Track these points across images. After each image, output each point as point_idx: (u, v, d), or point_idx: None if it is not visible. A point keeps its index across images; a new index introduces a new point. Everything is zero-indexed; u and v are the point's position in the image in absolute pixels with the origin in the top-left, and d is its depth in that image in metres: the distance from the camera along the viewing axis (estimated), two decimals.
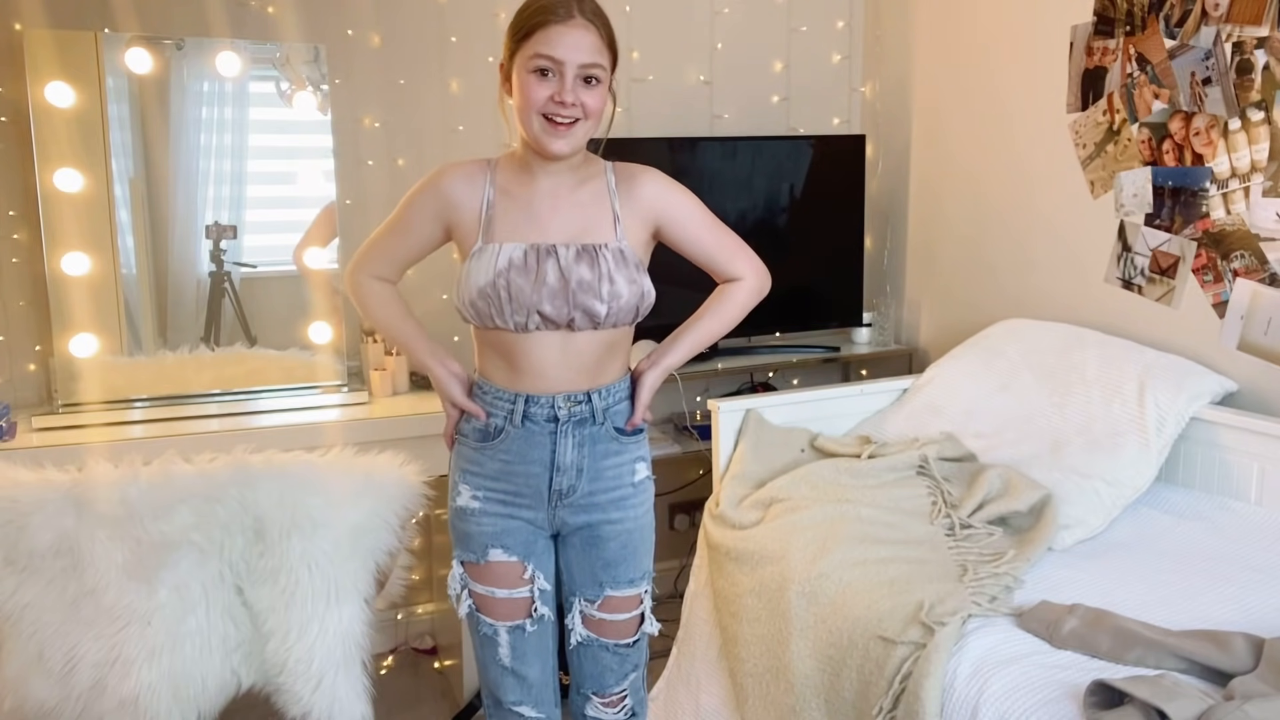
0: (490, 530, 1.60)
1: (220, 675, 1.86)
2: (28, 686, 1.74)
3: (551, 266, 1.48)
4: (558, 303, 1.47)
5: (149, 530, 1.74)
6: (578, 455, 1.57)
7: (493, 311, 1.48)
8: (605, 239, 1.52)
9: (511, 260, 1.47)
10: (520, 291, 1.46)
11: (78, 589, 1.74)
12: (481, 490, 1.60)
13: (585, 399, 1.55)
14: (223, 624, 1.85)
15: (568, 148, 1.47)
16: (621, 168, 1.59)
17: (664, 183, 1.60)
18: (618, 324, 1.53)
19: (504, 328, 1.50)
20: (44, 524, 1.71)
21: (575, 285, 1.47)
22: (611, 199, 1.55)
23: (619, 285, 1.49)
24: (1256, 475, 2.01)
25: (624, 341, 1.61)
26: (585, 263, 1.48)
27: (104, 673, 1.74)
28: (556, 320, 1.48)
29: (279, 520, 1.82)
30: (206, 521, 1.78)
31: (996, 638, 1.55)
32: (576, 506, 1.60)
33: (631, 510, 1.63)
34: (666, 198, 1.59)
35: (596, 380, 1.56)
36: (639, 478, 1.64)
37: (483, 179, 1.55)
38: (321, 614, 1.85)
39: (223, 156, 2.53)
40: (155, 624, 1.76)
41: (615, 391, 1.60)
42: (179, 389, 2.46)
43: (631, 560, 1.64)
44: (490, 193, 1.54)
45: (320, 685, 1.86)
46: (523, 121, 1.47)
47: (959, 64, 2.89)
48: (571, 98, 1.44)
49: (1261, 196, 2.08)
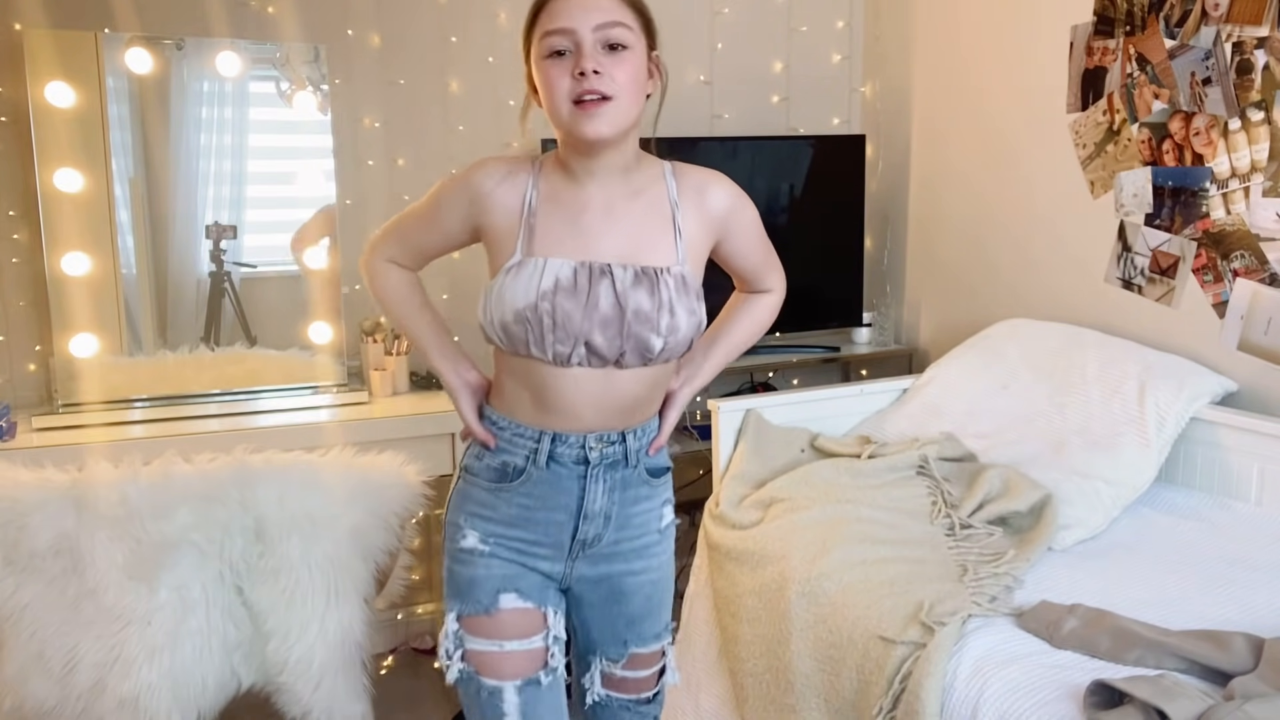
0: (501, 573, 1.37)
1: (220, 675, 1.86)
2: (28, 686, 1.74)
3: (605, 290, 1.27)
4: (610, 334, 1.27)
5: (149, 530, 1.74)
6: (607, 501, 1.38)
7: (530, 339, 1.27)
8: (666, 261, 1.31)
9: (559, 280, 1.26)
10: (568, 318, 1.25)
11: (78, 589, 1.74)
12: (492, 538, 1.38)
13: (619, 439, 1.36)
14: (223, 624, 1.85)
15: (606, 128, 1.23)
16: (684, 171, 1.38)
17: (736, 194, 1.41)
18: (669, 359, 1.35)
19: (540, 359, 1.28)
20: (44, 524, 1.71)
21: (632, 315, 1.27)
22: (673, 211, 1.34)
23: (679, 317, 1.29)
24: (1256, 475, 2.01)
25: (668, 377, 1.43)
26: (644, 289, 1.28)
27: (104, 673, 1.74)
28: (605, 355, 1.28)
29: (279, 520, 1.82)
30: (206, 521, 1.79)
31: (996, 638, 1.55)
32: (596, 557, 1.41)
33: (655, 559, 1.46)
34: (739, 214, 1.41)
35: (632, 419, 1.37)
36: (665, 522, 1.47)
37: (526, 179, 1.33)
38: (321, 614, 1.85)
39: (223, 156, 2.53)
40: (155, 624, 1.76)
41: (650, 430, 1.42)
42: (179, 389, 2.46)
43: (657, 613, 1.48)
44: (533, 196, 1.32)
45: (320, 685, 1.87)
46: (554, 119, 1.27)
47: (959, 64, 2.89)
48: (592, 64, 1.21)
49: (1261, 196, 2.08)
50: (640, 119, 1.30)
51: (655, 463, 1.44)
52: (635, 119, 1.28)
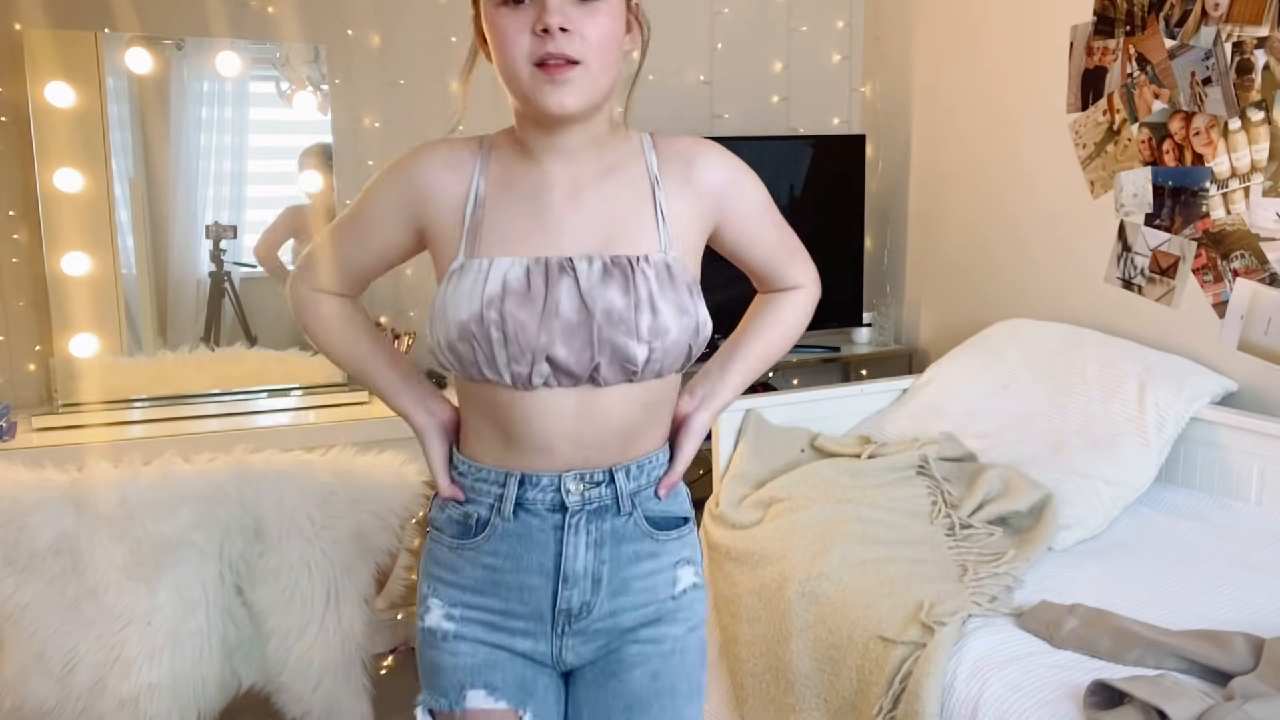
0: (469, 663, 1.13)
1: (220, 675, 1.86)
2: (28, 686, 1.74)
3: (567, 290, 1.03)
4: (575, 344, 1.03)
5: (149, 530, 1.74)
6: (594, 560, 1.11)
7: (479, 358, 1.04)
8: (644, 248, 1.07)
9: (507, 283, 1.03)
10: (521, 329, 1.02)
11: (78, 589, 1.74)
12: (459, 608, 1.13)
13: (607, 479, 1.10)
14: (223, 624, 1.85)
15: (574, 100, 1.01)
16: (666, 141, 1.14)
17: (733, 166, 1.15)
18: (662, 373, 1.08)
19: (496, 381, 1.05)
20: (44, 524, 1.71)
21: (601, 317, 1.03)
22: (654, 189, 1.10)
23: (664, 317, 1.04)
24: (1256, 475, 2.01)
25: (668, 397, 1.15)
26: (616, 284, 1.04)
27: (104, 673, 1.74)
28: (574, 370, 1.04)
29: (279, 520, 1.82)
30: (206, 522, 1.78)
31: (996, 638, 1.55)
32: (591, 632, 1.13)
33: (670, 627, 1.16)
34: (735, 186, 1.15)
35: (625, 453, 1.11)
36: (681, 587, 1.17)
37: (471, 165, 1.11)
38: (321, 614, 1.85)
39: (223, 156, 2.53)
40: (155, 624, 1.76)
41: (650, 467, 1.14)
42: (179, 389, 2.46)
43: (667, 701, 1.15)
44: (480, 184, 1.09)
45: (320, 685, 1.87)
46: (509, 84, 1.04)
47: (959, 64, 2.88)
48: (558, 19, 0.98)
49: (1261, 196, 2.08)
50: (615, 83, 1.07)
51: (663, 510, 1.15)
52: (610, 86, 1.06)
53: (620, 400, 1.08)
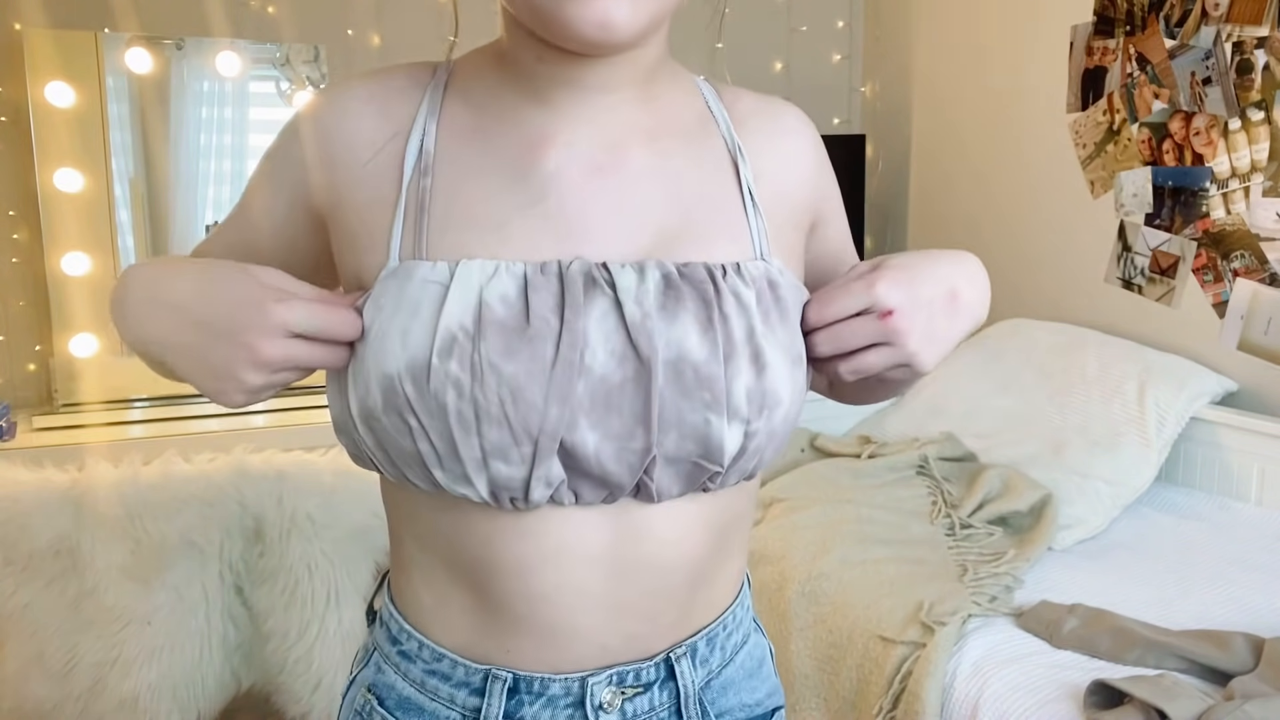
0: None
1: (220, 675, 1.86)
2: (28, 686, 1.74)
3: (600, 321, 0.60)
4: (616, 424, 0.60)
5: (149, 530, 1.74)
6: None
7: (422, 449, 0.60)
8: (729, 252, 0.66)
9: (486, 305, 0.59)
10: (511, 394, 0.58)
11: (78, 589, 1.74)
12: None
13: (662, 674, 0.67)
14: (223, 624, 1.85)
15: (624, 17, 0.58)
16: (734, 94, 0.76)
17: (817, 135, 0.81)
18: (754, 472, 0.66)
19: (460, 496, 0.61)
20: (44, 524, 1.71)
21: (667, 374, 0.60)
22: (735, 160, 0.70)
23: (775, 374, 0.62)
24: (1256, 475, 2.01)
25: (748, 508, 0.73)
26: (690, 312, 0.61)
27: (104, 673, 1.74)
28: (612, 475, 0.61)
29: (279, 521, 1.82)
30: (206, 522, 1.78)
31: (996, 638, 1.55)
32: None
33: None
34: (826, 170, 0.80)
35: (688, 618, 0.69)
36: None
37: (412, 103, 0.67)
38: (321, 614, 1.85)
39: (223, 156, 2.53)
40: (155, 624, 1.76)
41: (724, 637, 0.72)
42: (179, 389, 2.46)
43: None
44: (428, 134, 0.65)
45: (320, 685, 1.86)
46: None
47: (959, 64, 2.88)
48: None
49: (1261, 196, 2.07)
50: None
51: (746, 704, 0.73)
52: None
53: (686, 526, 0.65)
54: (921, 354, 0.66)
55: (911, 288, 0.65)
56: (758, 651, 0.76)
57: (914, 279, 0.66)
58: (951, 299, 0.68)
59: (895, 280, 0.65)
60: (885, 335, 0.64)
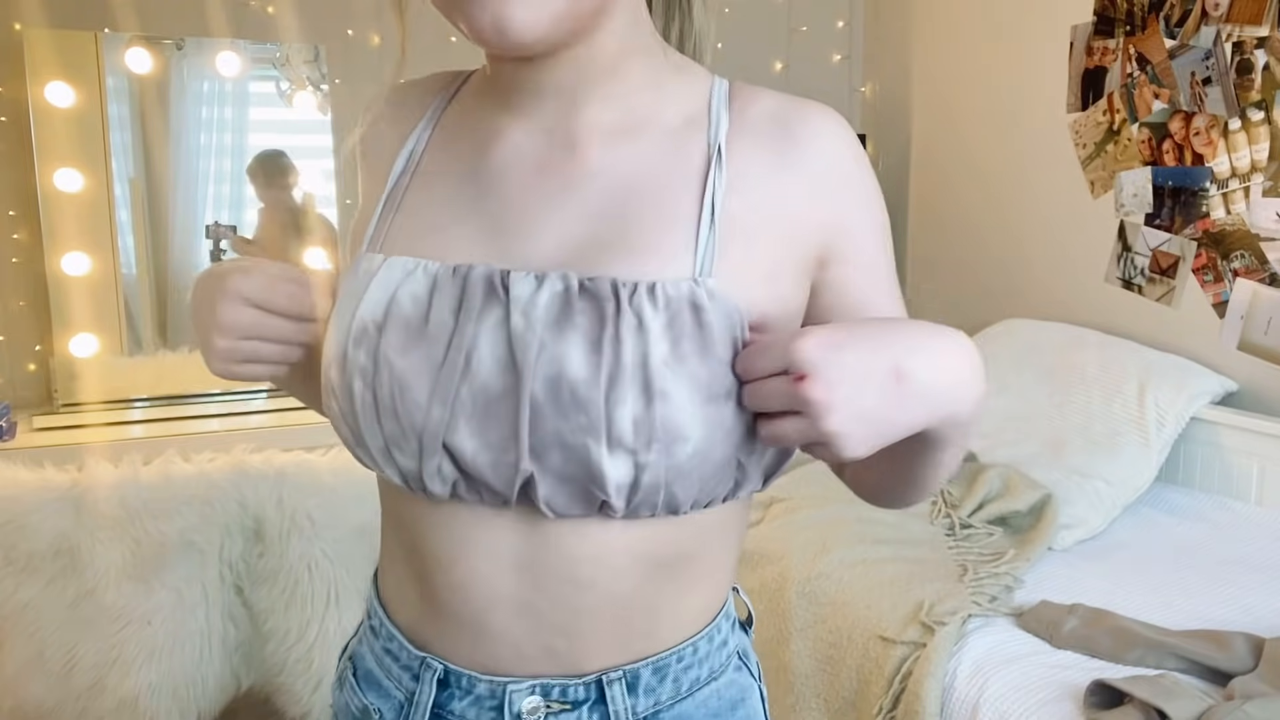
0: None
1: (220, 675, 1.86)
2: (28, 687, 1.74)
3: (491, 329, 0.60)
4: (492, 433, 0.59)
5: (149, 530, 1.74)
6: None
7: (346, 431, 0.64)
8: (658, 268, 0.61)
9: (396, 302, 0.62)
10: (400, 389, 0.60)
11: (77, 589, 1.74)
12: None
13: (591, 695, 0.65)
14: (223, 624, 1.85)
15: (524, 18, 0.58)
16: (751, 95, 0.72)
17: (856, 149, 0.72)
18: (679, 508, 0.61)
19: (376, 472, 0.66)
20: (44, 524, 1.71)
21: (542, 390, 0.58)
22: (709, 164, 0.64)
23: (674, 405, 0.58)
24: (1256, 475, 2.01)
25: (710, 546, 0.68)
26: (580, 330, 0.58)
27: (103, 673, 1.74)
28: (489, 481, 0.60)
29: (279, 520, 1.82)
30: (206, 522, 1.79)
31: (996, 638, 1.55)
32: None
33: None
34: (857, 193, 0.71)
35: (626, 647, 0.66)
36: None
37: (424, 109, 0.73)
38: (321, 614, 1.85)
39: (223, 156, 2.53)
40: (155, 624, 1.76)
41: (683, 668, 0.68)
42: (179, 389, 2.46)
43: None
44: (422, 137, 0.71)
45: (320, 686, 1.87)
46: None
47: (959, 64, 2.88)
48: None
49: (1261, 196, 2.07)
50: None
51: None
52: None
53: (600, 550, 0.62)
54: (843, 434, 0.54)
55: (840, 353, 0.54)
56: (731, 692, 0.70)
57: (845, 344, 0.55)
58: (895, 377, 0.55)
59: (822, 342, 0.55)
60: (795, 403, 0.55)
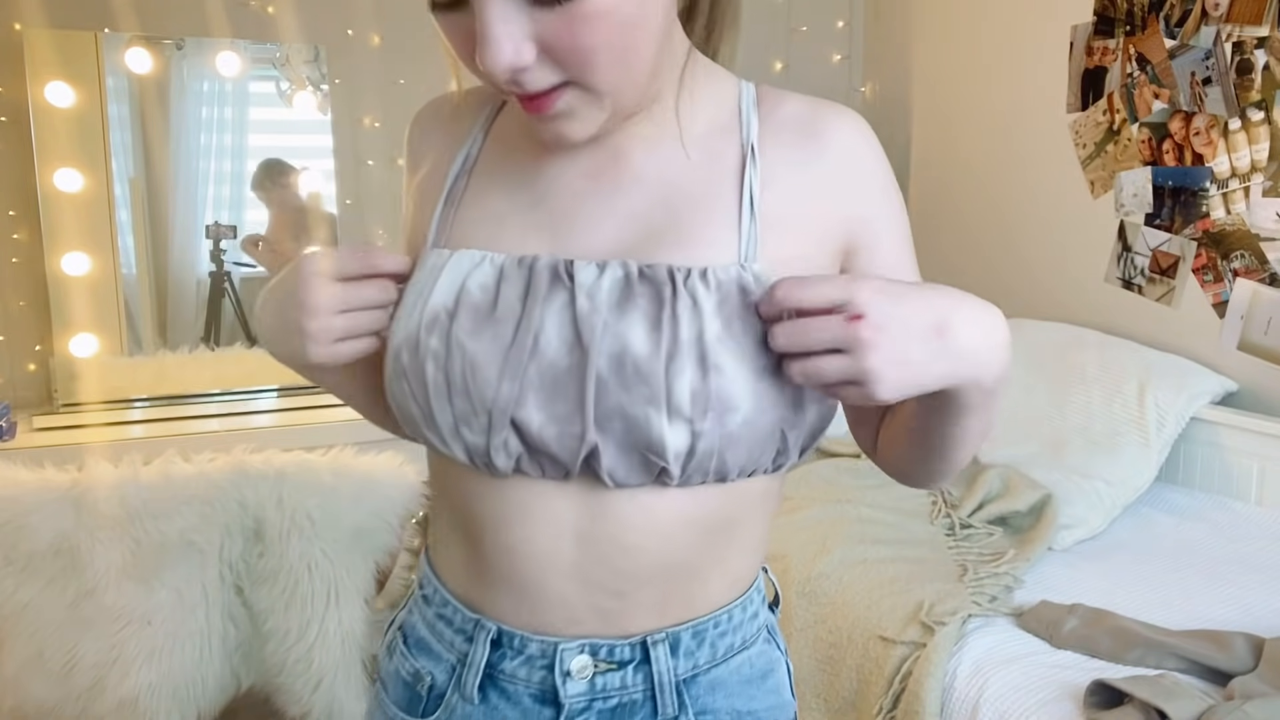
0: None
1: (220, 675, 1.86)
2: (28, 686, 1.74)
3: (557, 313, 0.65)
4: (559, 407, 0.64)
5: (149, 530, 1.74)
6: None
7: (415, 411, 0.68)
8: (708, 255, 0.66)
9: (465, 291, 0.67)
10: (471, 369, 0.65)
11: (77, 589, 1.74)
12: None
13: (636, 656, 0.69)
14: (223, 624, 1.85)
15: (580, 131, 0.65)
16: (777, 99, 0.77)
17: (878, 149, 0.78)
18: (728, 475, 0.66)
19: (444, 452, 0.69)
20: (44, 524, 1.71)
21: (606, 366, 0.63)
22: (744, 163, 0.70)
23: (727, 378, 0.63)
24: (1256, 475, 2.01)
25: (750, 514, 0.72)
26: (641, 310, 0.64)
27: (104, 673, 1.74)
28: (554, 452, 0.65)
29: (278, 521, 1.82)
30: (206, 522, 1.78)
31: (996, 638, 1.55)
32: None
33: None
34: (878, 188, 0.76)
35: (667, 609, 0.70)
36: None
37: (476, 115, 0.78)
38: (321, 615, 1.85)
39: (223, 156, 2.53)
40: (155, 624, 1.76)
41: (716, 635, 0.72)
42: (179, 389, 2.46)
43: None
44: (477, 142, 0.76)
45: (320, 686, 1.87)
46: None
47: (959, 64, 2.88)
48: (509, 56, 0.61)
49: (1261, 196, 2.07)
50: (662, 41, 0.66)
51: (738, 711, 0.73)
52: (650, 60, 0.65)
53: (653, 517, 0.66)
54: (881, 375, 0.59)
55: (894, 301, 0.60)
56: (762, 662, 0.75)
57: (901, 295, 0.61)
58: (937, 331, 0.61)
59: (879, 288, 0.60)
60: (847, 341, 0.59)
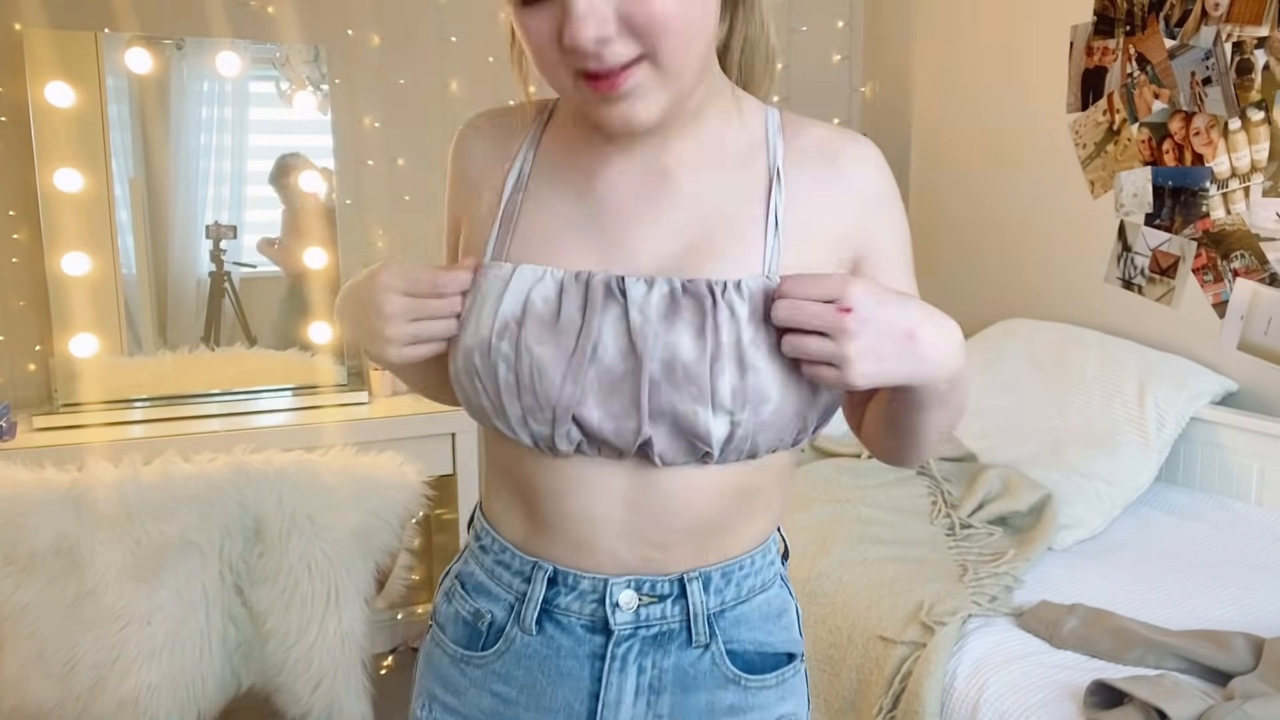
0: None
1: (220, 675, 1.86)
2: (28, 686, 1.74)
3: (612, 324, 0.75)
4: (615, 406, 0.75)
5: (149, 530, 1.74)
6: (646, 713, 0.82)
7: (485, 404, 0.79)
8: (740, 269, 0.77)
9: (530, 303, 0.77)
10: (539, 372, 0.75)
11: (78, 589, 1.74)
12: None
13: (674, 590, 0.81)
14: (223, 624, 1.85)
15: (645, 113, 0.72)
16: (800, 126, 0.85)
17: (887, 176, 0.87)
18: (758, 453, 0.78)
19: (510, 436, 0.80)
20: (44, 524, 1.71)
21: (659, 371, 0.74)
22: (771, 186, 0.80)
23: (762, 376, 0.74)
24: (1256, 475, 2.01)
25: (775, 480, 0.85)
26: (686, 321, 0.74)
27: (104, 673, 1.74)
28: (613, 443, 0.76)
29: (279, 521, 1.82)
30: (206, 522, 1.78)
31: (996, 638, 1.55)
32: None
33: None
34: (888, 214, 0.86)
35: (704, 553, 0.82)
36: None
37: (520, 137, 0.85)
38: (321, 614, 1.85)
39: (223, 156, 2.53)
40: (155, 624, 1.76)
41: (743, 576, 0.84)
42: (179, 389, 2.46)
43: None
44: (527, 163, 0.84)
45: (320, 685, 1.87)
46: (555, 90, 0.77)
47: (959, 64, 2.88)
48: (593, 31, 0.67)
49: (1261, 196, 2.07)
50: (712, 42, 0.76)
51: (758, 640, 0.85)
52: (703, 55, 0.73)
53: (693, 487, 0.78)
54: (856, 361, 0.71)
55: (879, 303, 0.72)
56: (778, 603, 0.88)
57: (886, 299, 0.73)
58: (908, 336, 0.73)
59: (868, 289, 0.72)
60: (833, 327, 0.71)
